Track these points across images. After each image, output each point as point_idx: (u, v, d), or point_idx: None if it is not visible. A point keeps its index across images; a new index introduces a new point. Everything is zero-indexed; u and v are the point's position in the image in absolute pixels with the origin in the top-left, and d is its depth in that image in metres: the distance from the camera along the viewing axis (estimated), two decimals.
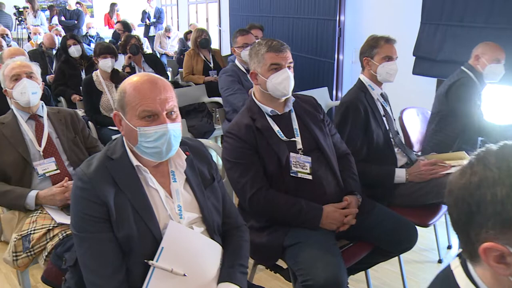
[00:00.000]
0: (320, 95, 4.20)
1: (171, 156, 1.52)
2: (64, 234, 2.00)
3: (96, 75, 4.04)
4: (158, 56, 8.01)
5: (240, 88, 3.50)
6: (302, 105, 2.21)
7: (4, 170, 2.28)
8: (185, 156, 1.57)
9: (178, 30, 10.18)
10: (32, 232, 2.05)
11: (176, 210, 1.50)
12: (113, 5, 10.90)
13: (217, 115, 4.82)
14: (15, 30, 8.83)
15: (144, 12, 10.00)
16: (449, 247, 3.10)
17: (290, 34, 5.64)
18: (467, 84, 2.92)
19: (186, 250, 1.46)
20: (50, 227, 2.06)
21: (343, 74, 5.13)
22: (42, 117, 2.48)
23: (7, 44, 6.10)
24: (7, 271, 2.90)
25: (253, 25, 4.60)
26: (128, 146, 1.50)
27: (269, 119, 2.09)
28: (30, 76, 2.46)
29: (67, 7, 9.71)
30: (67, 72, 4.89)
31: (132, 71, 4.82)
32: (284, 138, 2.07)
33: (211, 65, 5.28)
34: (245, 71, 3.62)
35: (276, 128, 2.08)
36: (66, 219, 2.10)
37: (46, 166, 2.36)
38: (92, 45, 8.19)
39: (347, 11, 4.95)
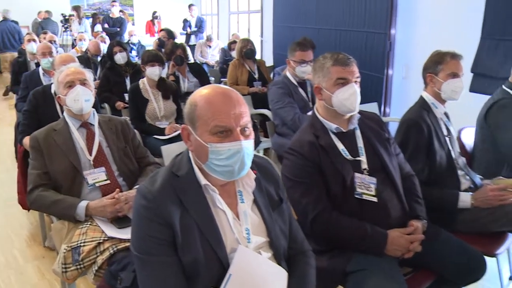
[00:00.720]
0: (369, 110, 4.05)
1: None
2: (115, 249, 1.93)
3: (143, 83, 4.00)
4: None
5: (290, 101, 3.37)
6: (367, 122, 2.09)
7: (56, 178, 2.24)
8: (254, 175, 1.46)
9: (218, 39, 10.19)
10: (82, 244, 1.99)
11: (244, 233, 1.40)
12: (155, 13, 11.06)
13: (259, 127, 4.74)
14: (60, 37, 9.03)
15: (185, 21, 10.07)
16: (511, 277, 2.89)
17: (337, 47, 5.50)
18: (507, 108, 2.60)
19: (253, 277, 1.35)
20: (100, 241, 1.99)
21: (392, 90, 4.98)
22: (93, 125, 2.43)
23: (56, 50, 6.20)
24: (51, 278, 2.86)
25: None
26: (196, 163, 1.40)
27: (333, 136, 1.98)
28: (83, 83, 2.42)
29: (110, 15, 9.93)
30: (112, 79, 4.89)
31: (176, 80, 4.79)
32: (349, 157, 1.94)
33: (256, 76, 5.18)
34: (296, 83, 3.51)
35: (340, 146, 1.96)
36: (116, 233, 2.04)
37: (96, 176, 2.30)
38: (134, 52, 8.27)
39: (399, 25, 4.81)
